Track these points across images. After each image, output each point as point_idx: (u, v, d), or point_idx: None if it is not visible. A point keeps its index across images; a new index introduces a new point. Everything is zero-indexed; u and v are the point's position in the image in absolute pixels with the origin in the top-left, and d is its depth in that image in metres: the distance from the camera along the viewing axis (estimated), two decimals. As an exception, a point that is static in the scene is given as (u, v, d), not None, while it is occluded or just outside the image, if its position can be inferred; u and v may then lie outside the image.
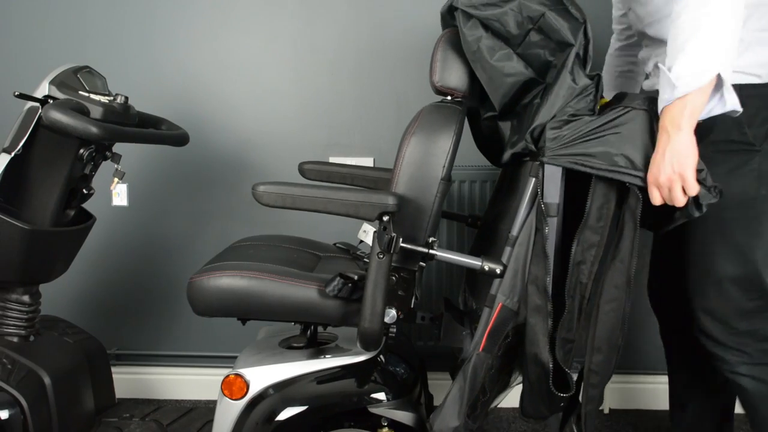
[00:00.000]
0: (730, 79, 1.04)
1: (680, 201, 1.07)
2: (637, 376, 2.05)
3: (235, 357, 1.44)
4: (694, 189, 1.06)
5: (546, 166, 1.14)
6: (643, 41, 1.39)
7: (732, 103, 1.06)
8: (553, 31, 1.17)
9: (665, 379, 2.01)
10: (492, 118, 1.33)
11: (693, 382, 1.49)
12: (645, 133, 1.10)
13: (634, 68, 1.58)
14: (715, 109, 1.07)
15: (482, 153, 1.50)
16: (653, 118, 1.10)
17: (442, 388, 1.24)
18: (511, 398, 1.39)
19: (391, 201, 1.16)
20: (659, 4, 1.24)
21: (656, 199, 1.09)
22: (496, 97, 1.26)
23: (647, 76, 1.39)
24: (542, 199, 1.14)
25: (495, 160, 1.42)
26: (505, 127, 1.34)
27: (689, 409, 1.50)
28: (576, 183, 1.15)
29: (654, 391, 2.04)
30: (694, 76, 1.02)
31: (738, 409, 1.53)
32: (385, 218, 1.16)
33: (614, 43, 1.61)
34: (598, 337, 1.14)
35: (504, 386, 1.31)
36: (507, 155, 1.23)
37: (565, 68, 1.14)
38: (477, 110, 1.38)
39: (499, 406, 1.97)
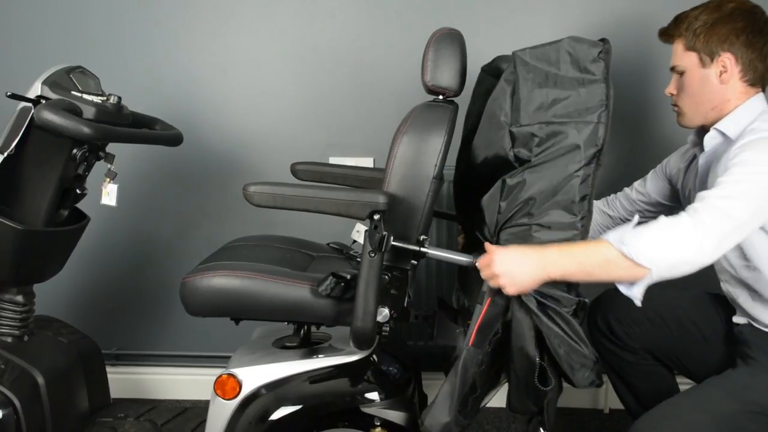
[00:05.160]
0: (650, 281, 1.07)
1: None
2: (634, 375, 2.05)
3: (230, 357, 1.44)
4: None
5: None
6: None
7: (637, 295, 1.09)
8: None
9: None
10: None
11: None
12: None
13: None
14: (621, 287, 1.10)
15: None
16: None
17: (436, 387, 1.24)
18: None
19: (381, 200, 1.16)
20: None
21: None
22: None
23: None
24: None
25: None
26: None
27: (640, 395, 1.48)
28: None
29: (651, 391, 2.04)
30: (643, 255, 1.04)
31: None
32: (376, 217, 1.16)
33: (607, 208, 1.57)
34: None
35: (495, 383, 1.31)
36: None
37: None
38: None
39: (500, 406, 1.97)
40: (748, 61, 1.20)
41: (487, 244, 1.16)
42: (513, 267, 1.10)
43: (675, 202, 1.46)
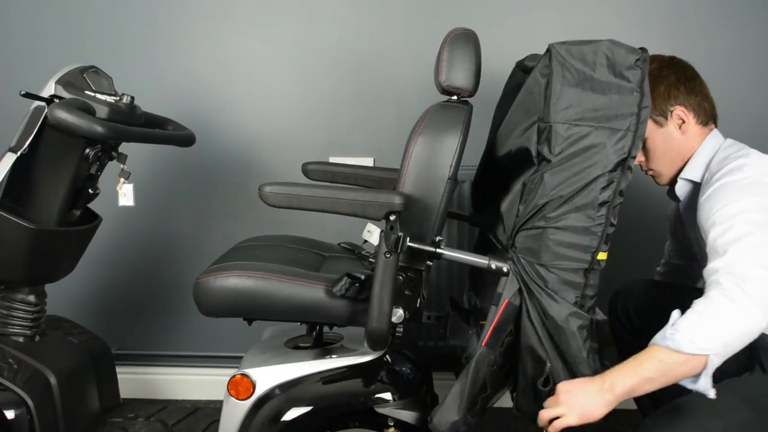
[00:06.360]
0: (713, 368, 1.02)
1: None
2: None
3: (240, 357, 1.43)
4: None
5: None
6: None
7: (706, 386, 1.03)
8: None
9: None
10: None
11: None
12: None
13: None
14: (688, 384, 1.05)
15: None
16: None
17: (447, 388, 1.24)
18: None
19: (397, 200, 1.16)
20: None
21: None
22: None
23: None
24: None
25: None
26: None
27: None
28: None
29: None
30: (692, 344, 0.99)
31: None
32: (392, 217, 1.16)
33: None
34: None
35: (504, 384, 1.31)
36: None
37: None
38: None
39: (500, 406, 1.97)
40: (696, 105, 1.25)
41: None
42: (578, 397, 1.07)
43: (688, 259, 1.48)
